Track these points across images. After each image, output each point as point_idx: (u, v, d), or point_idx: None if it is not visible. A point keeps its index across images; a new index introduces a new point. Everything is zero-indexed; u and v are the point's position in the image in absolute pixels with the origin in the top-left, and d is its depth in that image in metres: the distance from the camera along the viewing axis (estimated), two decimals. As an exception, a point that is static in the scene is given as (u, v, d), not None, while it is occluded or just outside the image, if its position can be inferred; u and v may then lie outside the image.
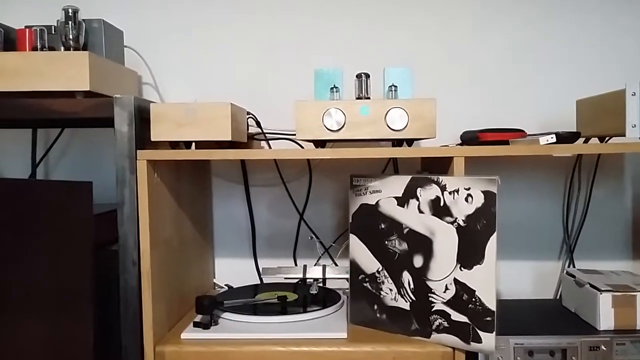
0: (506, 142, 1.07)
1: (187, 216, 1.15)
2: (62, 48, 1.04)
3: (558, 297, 1.32)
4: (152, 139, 0.97)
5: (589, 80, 1.32)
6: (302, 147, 1.29)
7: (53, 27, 1.09)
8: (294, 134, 1.01)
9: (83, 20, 1.06)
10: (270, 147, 1.32)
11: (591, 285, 1.05)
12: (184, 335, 0.97)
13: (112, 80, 1.08)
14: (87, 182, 0.92)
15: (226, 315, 1.04)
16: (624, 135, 0.96)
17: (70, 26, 1.03)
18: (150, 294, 0.94)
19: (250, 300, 1.11)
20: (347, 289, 1.09)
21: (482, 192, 0.90)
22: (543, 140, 0.96)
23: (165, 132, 0.96)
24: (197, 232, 1.22)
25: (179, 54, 1.36)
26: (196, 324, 1.00)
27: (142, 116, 0.96)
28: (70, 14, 1.03)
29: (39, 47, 1.04)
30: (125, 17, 1.36)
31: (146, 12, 1.36)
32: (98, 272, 0.93)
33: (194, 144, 1.07)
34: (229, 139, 0.96)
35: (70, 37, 1.03)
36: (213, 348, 0.94)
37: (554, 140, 0.95)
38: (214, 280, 1.35)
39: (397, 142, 1.03)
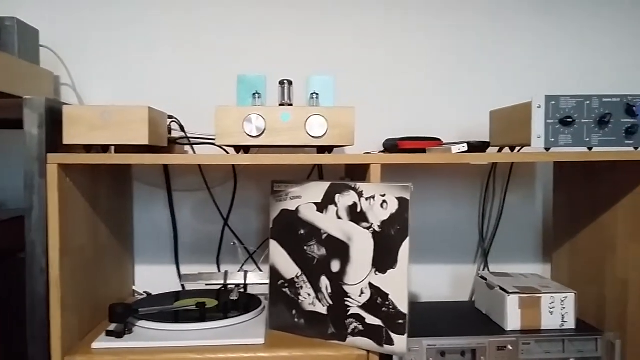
0: (424, 150, 1.11)
1: (104, 222, 1.12)
2: (-31, 45, 0.99)
3: (472, 299, 1.38)
4: (65, 142, 0.94)
5: (506, 92, 1.39)
6: (227, 152, 1.28)
7: (-39, 23, 1.04)
8: (216, 139, 1.00)
9: (-7, 17, 1.02)
10: (194, 152, 1.30)
11: (500, 288, 1.10)
12: (94, 345, 0.95)
13: (25, 81, 1.04)
14: (-8, 186, 0.88)
15: (142, 323, 1.02)
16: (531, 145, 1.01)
17: (-22, 23, 0.99)
18: (59, 302, 0.91)
19: (168, 308, 1.09)
20: (268, 294, 1.09)
21: (396, 198, 0.93)
22: (455, 149, 1.00)
23: (79, 135, 0.94)
24: (115, 239, 1.18)
25: (102, 56, 1.33)
26: (109, 333, 0.97)
27: (54, 118, 0.93)
28: (-22, 10, 0.99)
29: (-57, 43, 0.99)
30: (43, 16, 1.31)
31: (66, 12, 1.32)
32: (4, 280, 0.89)
33: (113, 148, 1.05)
34: (146, 143, 0.94)
35: (-22, 34, 0.99)
36: (126, 357, 0.91)
37: (466, 149, 1.00)
38: (134, 288, 1.32)
39: (323, 149, 1.05)
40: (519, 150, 1.18)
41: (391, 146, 1.20)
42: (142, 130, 0.94)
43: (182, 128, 1.24)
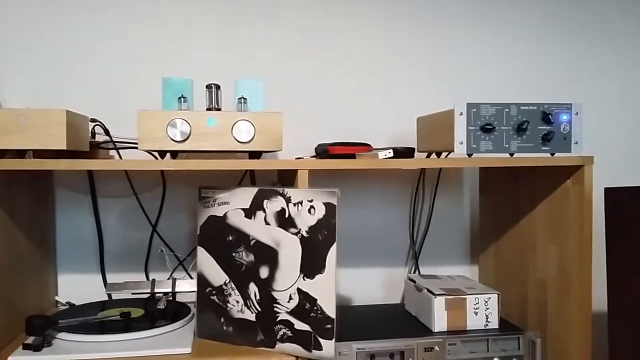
0: (353, 156, 1.12)
1: (21, 230, 1.06)
2: None
3: (403, 301, 1.40)
4: (-25, 147, 0.89)
5: (434, 98, 1.42)
6: (156, 158, 1.25)
7: None
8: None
9: None
10: (120, 157, 1.26)
11: (428, 290, 1.12)
12: (11, 359, 0.90)
13: None
14: None
15: (62, 335, 0.98)
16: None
17: None
18: (-32, 316, 0.86)
19: (90, 318, 1.05)
20: (196, 302, 1.07)
21: (323, 203, 0.93)
22: (382, 154, 1.01)
23: (-9, 139, 0.89)
24: (35, 247, 1.13)
25: (21, 57, 1.26)
26: (26, 346, 0.92)
27: (-37, 122, 0.88)
28: None
29: None
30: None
31: (-19, 8, 1.25)
32: None
33: (32, 152, 1.00)
34: (64, 147, 0.91)
35: None
36: (43, 372, 0.87)
37: (391, 154, 1.01)
38: (57, 298, 1.26)
39: (254, 155, 1.03)
40: (446, 156, 1.21)
41: (322, 151, 1.20)
42: (60, 134, 0.90)
43: (106, 132, 1.20)
